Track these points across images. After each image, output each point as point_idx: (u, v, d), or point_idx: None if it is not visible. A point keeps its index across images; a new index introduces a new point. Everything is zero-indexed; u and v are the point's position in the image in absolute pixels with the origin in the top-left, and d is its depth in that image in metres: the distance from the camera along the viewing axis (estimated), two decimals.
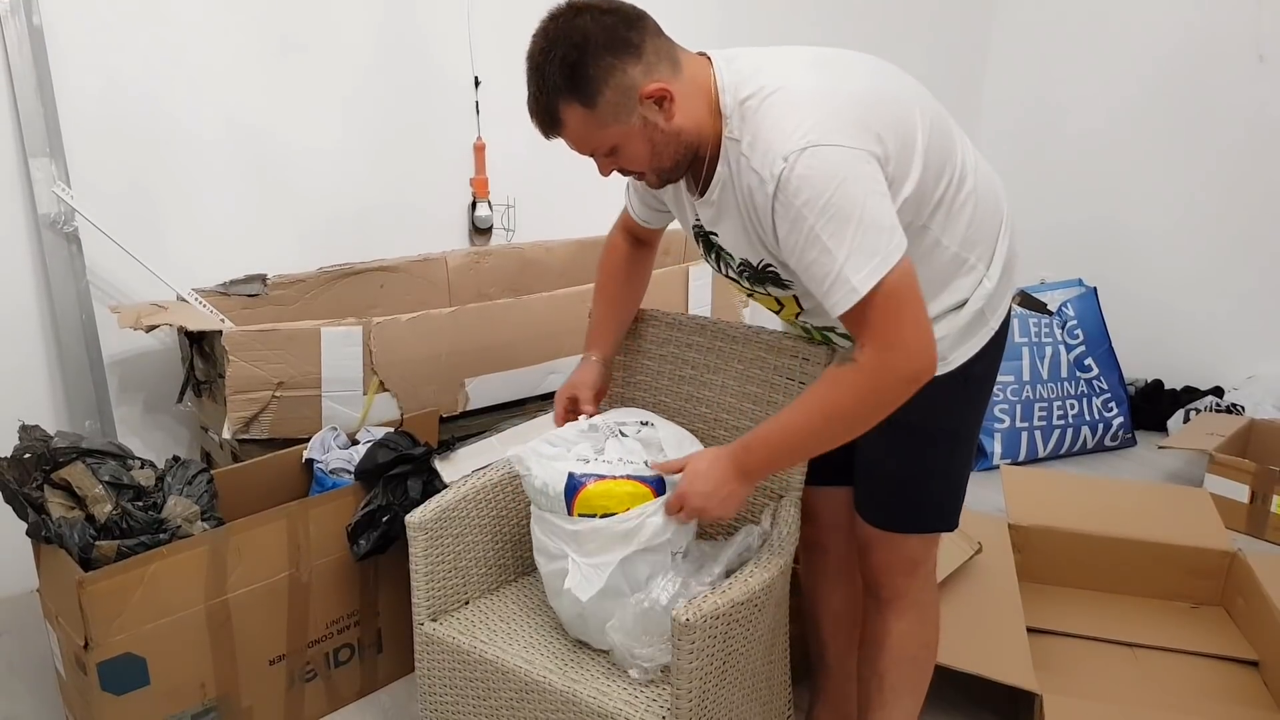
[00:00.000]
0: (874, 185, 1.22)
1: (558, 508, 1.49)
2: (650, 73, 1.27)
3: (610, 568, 1.44)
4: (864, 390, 1.27)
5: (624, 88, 1.26)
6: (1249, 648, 2.12)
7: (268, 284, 2.59)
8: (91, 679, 1.66)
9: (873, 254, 1.20)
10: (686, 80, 1.30)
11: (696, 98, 1.30)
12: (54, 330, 2.41)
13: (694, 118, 1.30)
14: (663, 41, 1.30)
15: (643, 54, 1.26)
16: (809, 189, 1.20)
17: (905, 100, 1.33)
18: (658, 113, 1.28)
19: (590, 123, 1.29)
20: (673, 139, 1.31)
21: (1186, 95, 3.71)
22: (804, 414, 1.34)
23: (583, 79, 1.25)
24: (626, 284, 1.77)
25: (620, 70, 1.25)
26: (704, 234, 1.46)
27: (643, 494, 1.46)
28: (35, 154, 2.28)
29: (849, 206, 1.19)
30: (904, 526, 1.54)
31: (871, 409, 1.29)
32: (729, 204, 1.35)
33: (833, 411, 1.31)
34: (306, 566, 1.91)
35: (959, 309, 1.40)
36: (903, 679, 1.61)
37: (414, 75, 2.90)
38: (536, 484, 1.50)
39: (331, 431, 2.20)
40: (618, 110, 1.27)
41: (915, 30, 4.05)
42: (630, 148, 1.32)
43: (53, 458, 1.80)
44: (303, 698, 1.97)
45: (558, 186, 3.19)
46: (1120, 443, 3.54)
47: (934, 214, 1.34)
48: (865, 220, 1.19)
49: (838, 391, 1.30)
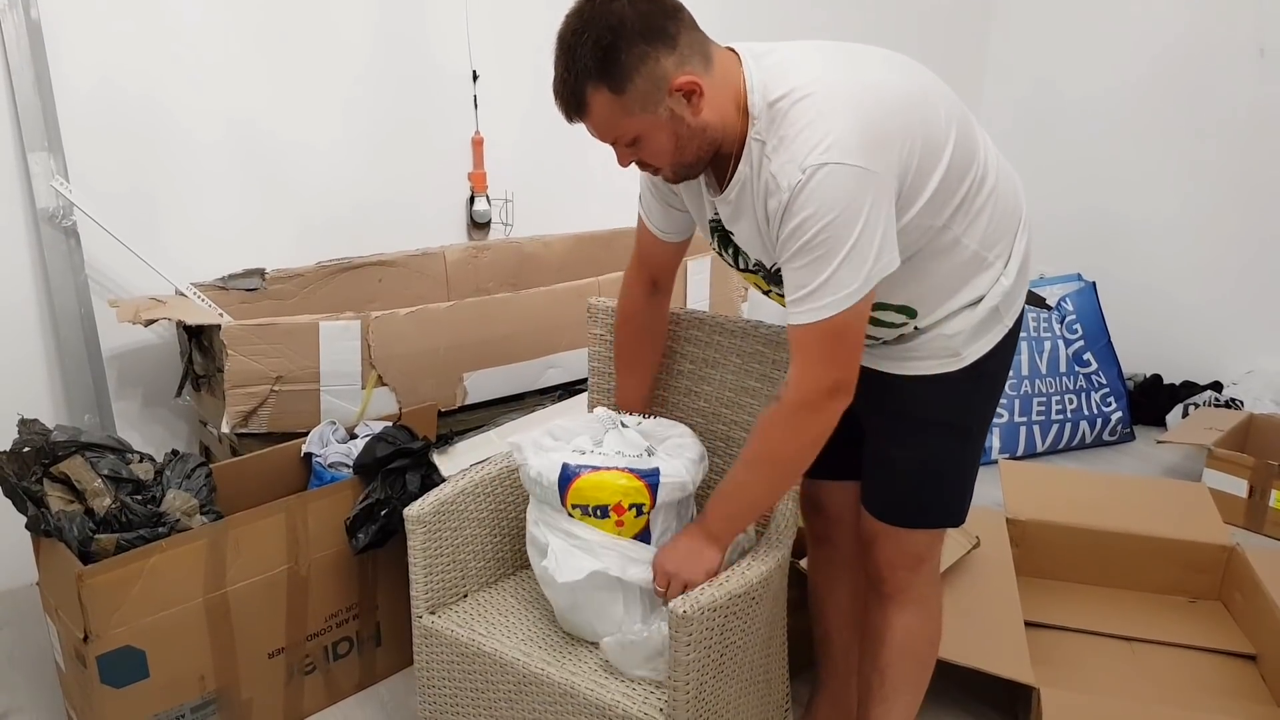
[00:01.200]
0: (878, 210, 1.22)
1: (551, 498, 1.50)
2: (683, 65, 1.25)
3: (590, 570, 1.46)
4: (794, 428, 1.34)
5: (655, 77, 1.24)
6: (1247, 642, 2.13)
7: (266, 278, 2.59)
8: (91, 672, 1.66)
9: (846, 285, 1.23)
10: (717, 76, 1.28)
11: (725, 94, 1.29)
12: (53, 324, 2.41)
13: (721, 114, 1.29)
14: (697, 35, 1.28)
15: (677, 45, 1.24)
16: (816, 204, 1.21)
17: (933, 101, 1.32)
18: (685, 106, 1.26)
19: (616, 110, 1.27)
20: (698, 134, 1.29)
21: (1186, 89, 3.70)
22: (748, 468, 1.40)
23: (614, 64, 1.23)
24: (645, 345, 1.73)
25: (654, 59, 1.23)
26: (722, 230, 1.45)
27: (636, 488, 1.47)
28: (33, 148, 2.28)
29: (846, 233, 1.21)
30: (910, 521, 1.54)
31: (808, 442, 1.35)
32: (745, 205, 1.34)
33: (774, 457, 1.38)
34: (305, 560, 1.91)
35: (975, 305, 1.40)
36: (904, 674, 1.61)
37: (412, 69, 2.90)
38: (532, 473, 1.51)
39: (330, 425, 2.20)
40: (646, 100, 1.25)
41: (913, 21, 4.05)
42: (654, 139, 1.30)
43: (52, 451, 1.80)
44: (302, 690, 1.97)
45: (556, 181, 3.19)
46: (1119, 437, 3.54)
47: (955, 214, 1.34)
48: (857, 250, 1.21)
49: (772, 438, 1.37)
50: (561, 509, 1.50)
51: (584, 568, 1.45)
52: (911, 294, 1.38)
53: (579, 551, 1.47)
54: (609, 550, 1.47)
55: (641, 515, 1.48)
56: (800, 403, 1.31)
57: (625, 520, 1.48)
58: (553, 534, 1.51)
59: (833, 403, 1.31)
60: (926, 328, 1.41)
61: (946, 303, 1.39)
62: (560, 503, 1.49)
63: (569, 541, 1.49)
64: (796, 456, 1.38)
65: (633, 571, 1.47)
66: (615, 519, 1.48)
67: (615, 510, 1.47)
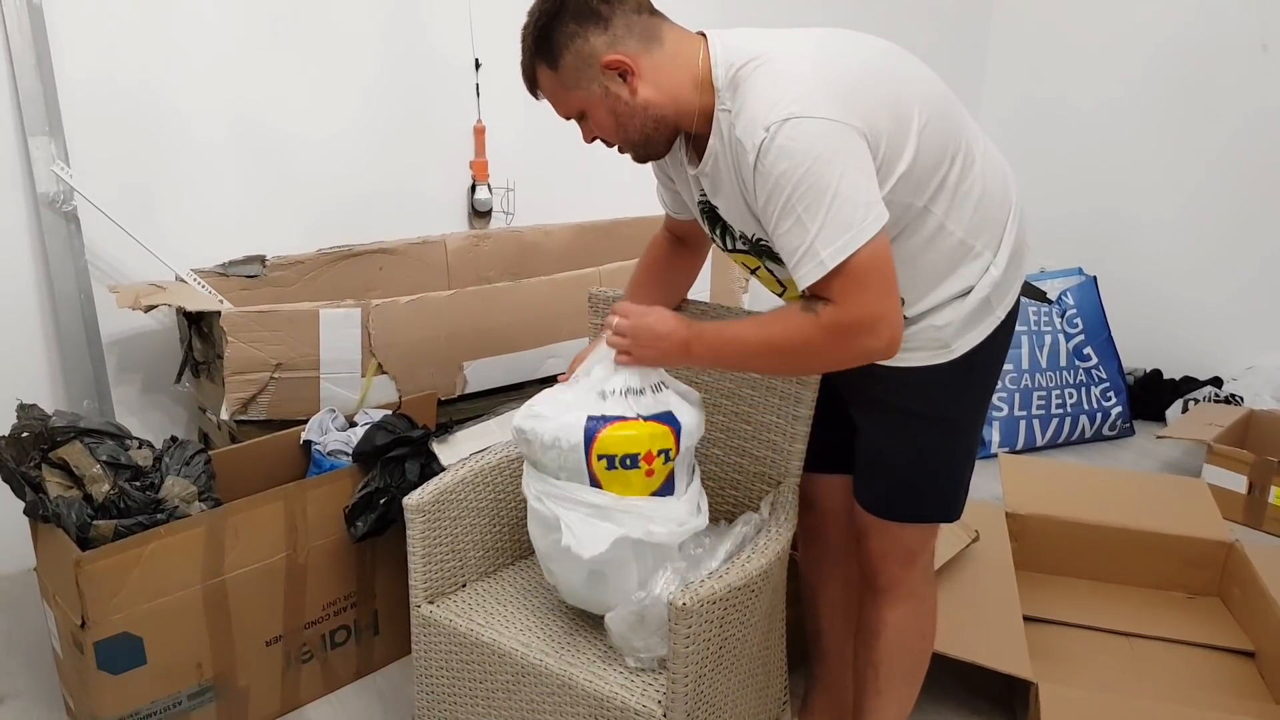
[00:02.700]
0: (853, 160, 1.21)
1: (572, 462, 1.43)
2: (615, 44, 1.31)
3: (614, 538, 1.42)
4: (812, 342, 1.28)
5: (584, 55, 1.31)
6: (1245, 638, 2.13)
7: (266, 265, 2.59)
8: (88, 658, 1.66)
9: (845, 228, 1.19)
10: (666, 56, 1.33)
11: (675, 74, 1.32)
12: (52, 310, 2.40)
13: (669, 93, 1.33)
14: (642, 18, 1.33)
15: (610, 25, 1.31)
16: (787, 160, 1.20)
17: (902, 78, 1.33)
18: (621, 84, 1.32)
19: (555, 85, 1.36)
20: (638, 112, 1.34)
21: (1188, 84, 3.69)
22: (753, 332, 1.35)
23: (549, 43, 1.32)
24: (661, 274, 1.74)
25: (582, 38, 1.31)
26: (708, 208, 1.46)
27: (662, 433, 1.43)
28: (34, 133, 2.27)
29: (825, 180, 1.19)
30: (902, 515, 1.53)
31: (813, 362, 1.39)
32: (721, 175, 1.35)
33: (778, 344, 1.33)
34: (304, 548, 1.91)
35: (964, 296, 1.39)
36: (898, 668, 1.61)
37: (414, 57, 2.89)
38: (547, 439, 1.44)
39: (330, 413, 2.19)
40: (578, 76, 1.33)
41: (915, 16, 4.04)
42: (595, 115, 1.37)
43: (50, 437, 1.79)
44: (299, 679, 1.97)
45: (557, 170, 3.19)
46: (1118, 432, 3.54)
47: (936, 197, 1.33)
48: (841, 194, 1.19)
49: (788, 330, 1.30)
50: (582, 473, 1.43)
51: (606, 537, 1.41)
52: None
53: (596, 520, 1.43)
54: (626, 514, 1.43)
55: (669, 462, 1.45)
56: (833, 325, 1.25)
57: (655, 468, 1.44)
58: (561, 506, 1.45)
59: (861, 339, 1.25)
60: (915, 318, 1.40)
61: (934, 291, 1.38)
62: (585, 462, 1.42)
63: (583, 511, 1.44)
64: (805, 364, 1.43)
65: (654, 529, 1.43)
66: (645, 468, 1.43)
67: (645, 459, 1.43)
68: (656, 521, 1.44)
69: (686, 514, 1.49)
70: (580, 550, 1.41)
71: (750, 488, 1.71)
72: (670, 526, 1.45)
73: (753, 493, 1.71)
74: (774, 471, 1.66)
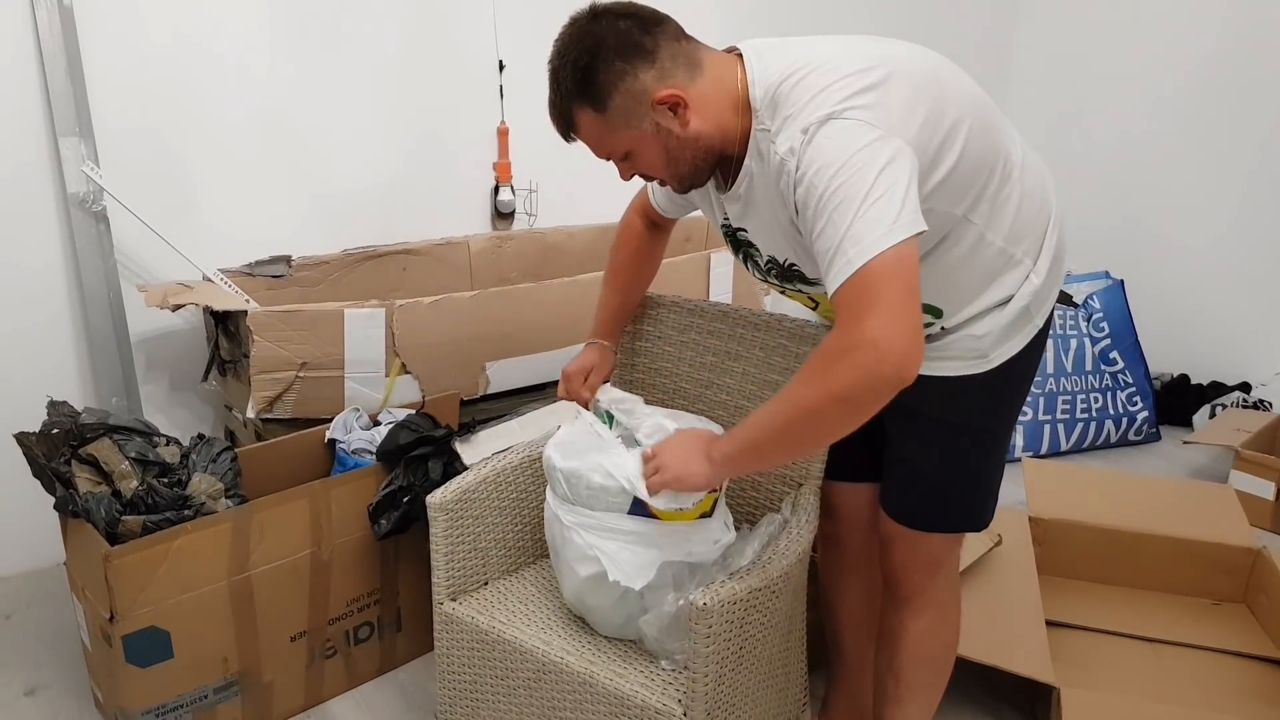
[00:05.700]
0: (891, 162, 1.15)
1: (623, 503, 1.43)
2: (664, 78, 1.25)
3: (659, 563, 1.43)
4: (819, 374, 1.16)
5: (635, 93, 1.25)
6: (1271, 646, 2.10)
7: (292, 265, 2.61)
8: (116, 651, 1.69)
9: (875, 226, 1.12)
10: (709, 83, 1.28)
11: (719, 100, 1.28)
12: (82, 308, 2.44)
13: (715, 121, 1.28)
14: (683, 45, 1.28)
15: (656, 59, 1.25)
16: (822, 157, 1.16)
17: (945, 83, 1.28)
18: (672, 119, 1.27)
19: (602, 127, 1.30)
20: (690, 144, 1.29)
21: (1220, 92, 3.65)
22: (775, 409, 1.23)
23: (593, 84, 1.26)
24: (639, 274, 1.80)
25: (631, 75, 1.25)
26: (732, 232, 1.44)
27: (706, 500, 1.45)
28: (65, 133, 2.30)
29: (861, 178, 1.13)
30: (930, 525, 1.51)
31: (833, 406, 1.16)
32: (756, 196, 1.32)
33: (797, 404, 1.20)
34: (328, 545, 1.93)
35: (1003, 305, 1.36)
36: (918, 677, 1.59)
37: (439, 59, 2.90)
38: (596, 482, 1.44)
39: (354, 412, 2.21)
40: (629, 115, 1.27)
41: (941, 24, 4.02)
42: (644, 153, 1.31)
43: (80, 433, 1.82)
44: (323, 674, 1.99)
45: (580, 172, 3.16)
46: (1144, 437, 3.50)
47: (976, 205, 1.30)
48: (873, 194, 1.12)
49: (797, 386, 1.20)
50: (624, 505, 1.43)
51: (652, 563, 1.41)
52: (937, 292, 1.34)
53: (638, 547, 1.43)
54: (666, 537, 1.43)
55: (714, 491, 1.46)
56: (830, 350, 1.16)
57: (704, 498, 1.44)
58: (599, 536, 1.45)
59: (865, 358, 1.11)
60: (954, 328, 1.38)
61: (974, 302, 1.36)
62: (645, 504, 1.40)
63: (624, 539, 1.43)
64: (830, 413, 1.17)
65: (694, 550, 1.44)
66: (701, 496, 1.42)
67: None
68: (695, 542, 1.45)
69: (720, 531, 1.50)
70: (630, 582, 1.41)
71: (772, 490, 1.71)
72: (707, 545, 1.46)
73: (774, 494, 1.71)
74: (795, 474, 1.66)
